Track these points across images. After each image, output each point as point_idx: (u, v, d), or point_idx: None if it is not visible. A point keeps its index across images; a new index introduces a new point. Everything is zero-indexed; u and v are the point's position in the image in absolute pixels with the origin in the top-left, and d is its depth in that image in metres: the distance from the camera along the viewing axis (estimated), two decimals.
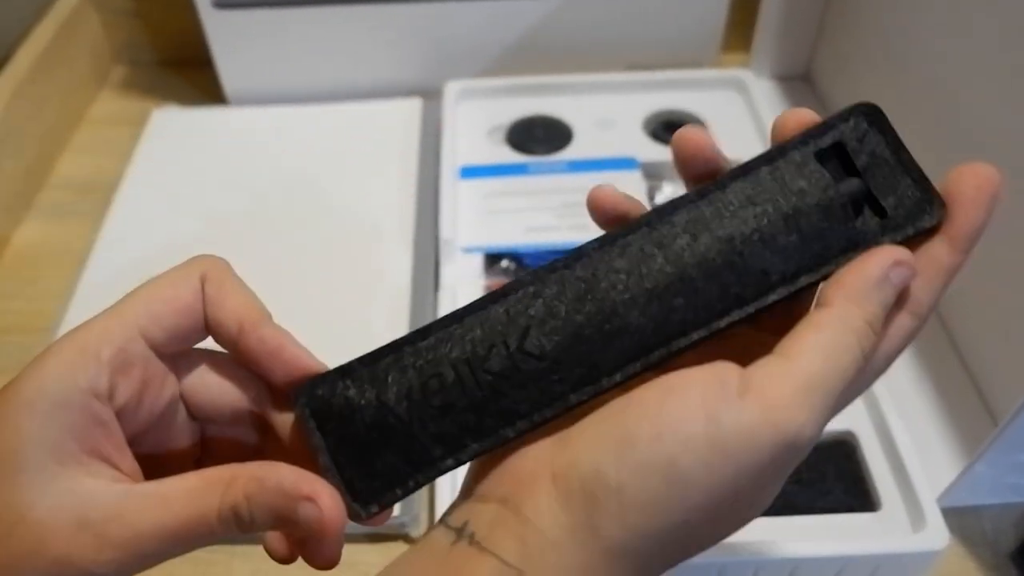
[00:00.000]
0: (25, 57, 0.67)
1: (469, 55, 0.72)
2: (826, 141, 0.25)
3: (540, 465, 0.24)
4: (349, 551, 0.45)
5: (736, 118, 0.67)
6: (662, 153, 0.64)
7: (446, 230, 0.57)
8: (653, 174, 0.63)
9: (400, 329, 0.54)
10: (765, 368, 0.23)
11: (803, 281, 0.25)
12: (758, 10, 0.70)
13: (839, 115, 0.25)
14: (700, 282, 0.25)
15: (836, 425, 0.46)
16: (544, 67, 0.72)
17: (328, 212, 0.62)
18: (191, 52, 0.75)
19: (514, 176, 0.62)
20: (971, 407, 0.49)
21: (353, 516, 0.25)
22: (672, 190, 0.62)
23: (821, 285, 0.25)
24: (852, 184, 0.25)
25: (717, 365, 0.23)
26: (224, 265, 0.27)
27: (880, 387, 0.47)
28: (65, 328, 0.56)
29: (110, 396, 0.24)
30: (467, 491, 0.26)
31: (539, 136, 0.66)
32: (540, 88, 0.69)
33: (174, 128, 0.70)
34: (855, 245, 0.25)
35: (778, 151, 0.25)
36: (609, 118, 0.67)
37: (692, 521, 0.22)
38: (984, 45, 0.48)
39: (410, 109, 0.70)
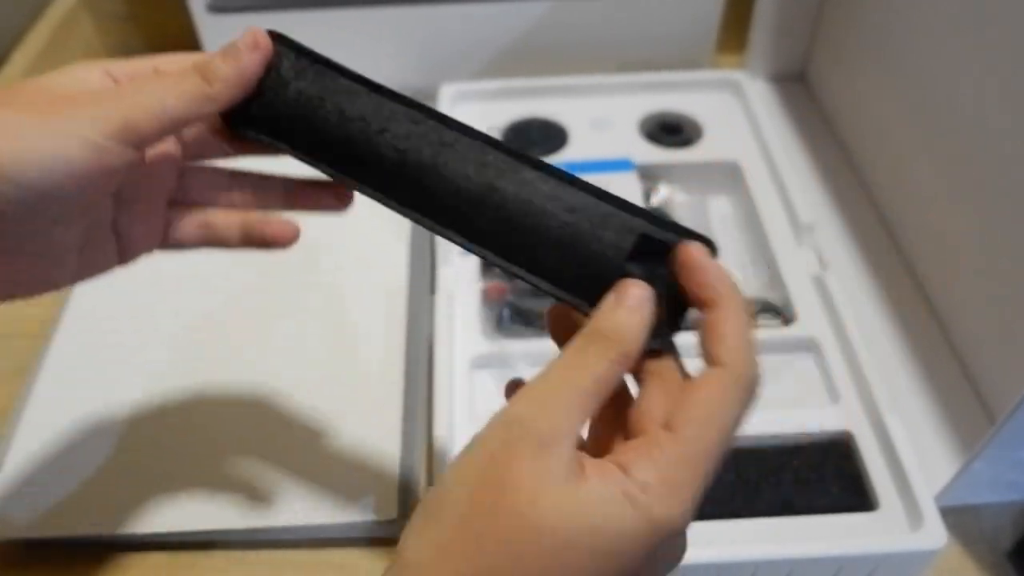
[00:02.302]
0: (20, 60, 0.67)
1: (464, 58, 0.72)
2: (655, 234, 0.28)
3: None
4: (344, 555, 0.45)
5: (731, 119, 0.67)
6: (658, 154, 0.64)
7: None
8: (649, 175, 0.63)
9: (397, 330, 0.53)
10: (640, 461, 0.24)
11: (564, 295, 0.29)
12: (753, 11, 0.70)
13: (683, 230, 0.29)
14: (512, 222, 0.29)
15: (833, 425, 0.47)
16: (539, 69, 0.72)
17: (323, 214, 0.62)
18: None
19: None
20: (968, 405, 0.49)
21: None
22: (668, 191, 0.62)
23: (704, 338, 0.27)
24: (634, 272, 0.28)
25: (613, 486, 0.24)
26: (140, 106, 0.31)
27: (877, 386, 0.47)
28: (61, 333, 0.56)
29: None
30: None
31: (535, 138, 0.65)
32: (535, 90, 0.69)
33: None
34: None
35: (624, 204, 0.29)
36: (604, 120, 0.67)
37: None
38: (980, 44, 0.48)
39: None
